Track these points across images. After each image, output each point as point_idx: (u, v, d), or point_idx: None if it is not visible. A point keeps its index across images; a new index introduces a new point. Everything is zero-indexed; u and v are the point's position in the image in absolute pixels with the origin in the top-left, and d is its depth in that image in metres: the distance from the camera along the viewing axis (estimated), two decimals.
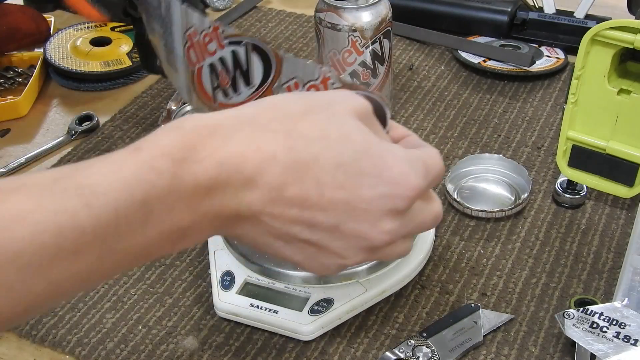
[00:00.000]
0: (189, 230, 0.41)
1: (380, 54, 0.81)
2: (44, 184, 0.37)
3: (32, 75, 0.93)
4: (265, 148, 0.41)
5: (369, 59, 0.81)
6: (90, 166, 0.38)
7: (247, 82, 0.55)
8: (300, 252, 0.45)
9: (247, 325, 0.63)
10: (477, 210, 0.73)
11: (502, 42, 0.98)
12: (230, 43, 0.55)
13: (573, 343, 0.59)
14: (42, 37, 1.00)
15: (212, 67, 0.57)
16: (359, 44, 0.79)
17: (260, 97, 0.54)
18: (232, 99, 0.56)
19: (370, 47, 0.80)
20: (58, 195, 0.36)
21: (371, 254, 0.45)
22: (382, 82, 0.83)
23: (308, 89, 0.51)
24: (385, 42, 0.81)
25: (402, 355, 0.59)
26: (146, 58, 0.68)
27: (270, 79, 0.53)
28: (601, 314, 0.58)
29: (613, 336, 0.56)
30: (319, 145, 0.41)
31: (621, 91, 0.64)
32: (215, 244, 0.68)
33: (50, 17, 1.04)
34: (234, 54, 0.55)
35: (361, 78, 0.81)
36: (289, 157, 0.41)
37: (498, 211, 0.72)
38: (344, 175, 0.42)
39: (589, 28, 0.62)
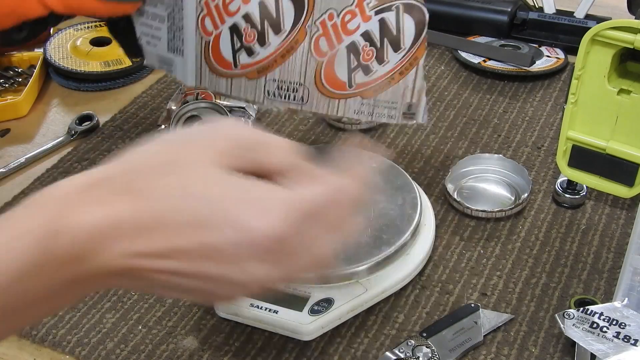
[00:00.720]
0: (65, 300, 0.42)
1: None
2: None
3: (32, 75, 0.93)
4: (111, 215, 0.41)
5: None
6: None
7: (277, 30, 0.55)
8: (185, 294, 0.45)
9: (247, 325, 0.63)
10: (477, 210, 0.73)
11: (502, 42, 0.98)
12: None
13: (573, 343, 0.59)
14: (42, 37, 1.00)
15: (233, 28, 0.56)
16: None
17: (292, 41, 0.54)
18: (258, 54, 0.56)
19: None
20: None
21: (253, 291, 0.45)
22: None
23: (344, 16, 0.52)
24: None
25: (402, 355, 0.59)
26: (128, 43, 0.69)
27: (303, 18, 0.54)
28: (601, 314, 0.58)
29: (613, 336, 0.56)
30: (162, 202, 0.41)
31: (621, 91, 0.64)
32: None
33: None
34: (262, 5, 0.54)
35: None
36: (132, 219, 0.41)
37: (498, 211, 0.72)
38: (193, 229, 0.41)
39: (589, 28, 0.62)
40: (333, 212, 0.44)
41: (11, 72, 0.97)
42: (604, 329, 0.57)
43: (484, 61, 0.95)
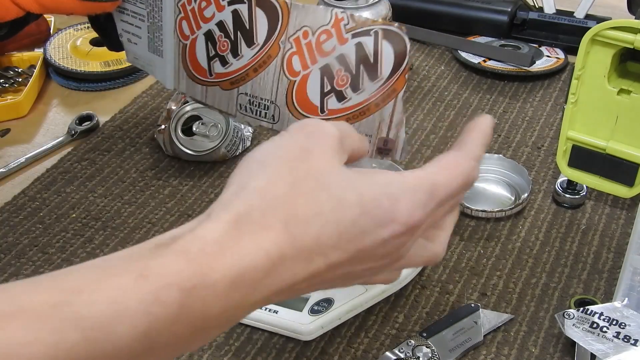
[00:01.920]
0: (196, 342, 0.41)
1: None
2: (42, 311, 0.35)
3: (32, 75, 0.93)
4: (272, 251, 0.40)
5: None
6: (92, 290, 0.36)
7: (250, 42, 0.53)
8: (308, 292, 0.46)
9: (247, 325, 0.63)
10: (477, 210, 0.73)
11: (502, 42, 0.98)
12: (230, 3, 0.53)
13: (573, 343, 0.59)
14: (42, 37, 1.00)
15: (208, 35, 0.55)
16: None
17: (265, 55, 0.52)
18: (231, 65, 0.54)
19: None
20: (57, 326, 0.35)
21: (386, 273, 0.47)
22: None
23: (319, 35, 0.50)
24: None
25: (402, 355, 0.59)
26: (110, 39, 0.70)
27: (277, 33, 0.51)
28: (601, 314, 0.58)
29: (613, 336, 0.56)
30: (317, 224, 0.41)
31: (621, 91, 0.64)
32: None
33: (50, 17, 1.04)
34: (235, 14, 0.53)
35: None
36: (294, 249, 0.41)
37: (498, 211, 0.73)
38: (347, 240, 0.42)
39: (589, 28, 0.62)
40: (459, 196, 0.46)
41: (11, 72, 0.96)
42: (604, 329, 0.57)
43: (484, 61, 0.95)
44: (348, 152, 0.45)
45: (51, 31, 1.02)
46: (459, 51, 0.97)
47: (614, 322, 0.57)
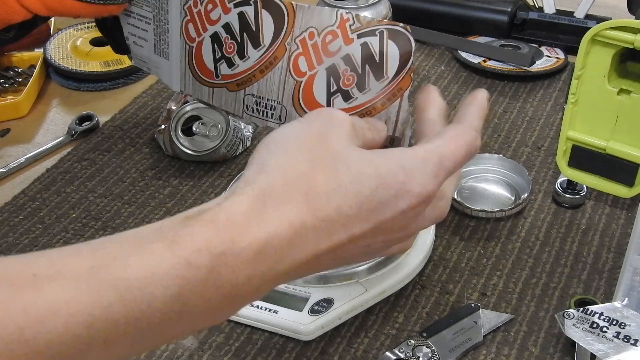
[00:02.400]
0: (226, 310, 0.43)
1: None
2: (80, 274, 0.37)
3: (32, 75, 0.93)
4: (294, 221, 0.42)
5: None
6: (127, 255, 0.38)
7: (256, 44, 0.53)
8: (332, 267, 0.48)
9: (247, 325, 0.63)
10: (477, 210, 0.73)
11: (502, 42, 0.98)
12: (236, 5, 0.53)
13: (573, 343, 0.59)
14: (42, 37, 1.00)
15: (214, 37, 0.55)
16: None
17: (271, 57, 0.53)
18: (238, 67, 0.55)
19: None
20: (93, 287, 0.37)
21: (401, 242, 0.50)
22: None
23: (325, 36, 0.50)
24: None
25: (402, 355, 0.59)
26: (116, 41, 0.70)
27: (282, 34, 0.52)
28: (601, 314, 0.58)
29: (613, 336, 0.56)
30: (336, 196, 0.44)
31: (621, 91, 0.64)
32: None
33: (50, 17, 1.04)
34: (241, 16, 0.53)
35: None
36: (315, 219, 0.43)
37: (498, 211, 0.73)
38: (367, 211, 0.44)
39: (589, 28, 0.62)
40: (463, 164, 0.49)
41: (11, 72, 0.97)
42: (604, 329, 0.57)
43: (484, 61, 0.95)
44: (361, 139, 0.48)
45: (51, 31, 1.02)
46: (459, 51, 0.97)
47: (614, 322, 0.57)
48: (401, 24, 0.48)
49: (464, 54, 0.96)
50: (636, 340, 0.56)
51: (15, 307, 0.35)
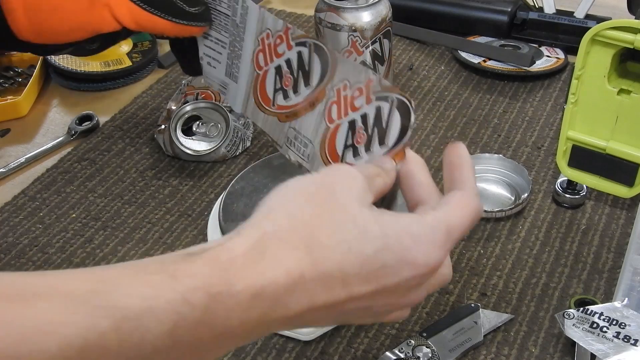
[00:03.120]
0: (214, 351, 0.42)
1: (380, 54, 0.81)
2: (79, 296, 0.37)
3: (32, 75, 0.94)
4: (293, 270, 0.42)
5: (369, 59, 0.81)
6: (126, 284, 0.39)
7: (307, 82, 0.57)
8: (328, 324, 0.49)
9: None
10: None
11: (502, 42, 0.98)
12: (297, 44, 0.57)
13: (573, 343, 0.59)
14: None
15: (278, 69, 0.59)
16: (359, 44, 0.79)
17: (314, 97, 0.56)
18: (291, 100, 0.58)
19: (370, 47, 0.80)
20: (90, 313, 0.37)
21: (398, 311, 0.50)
22: None
23: (354, 91, 0.53)
24: (385, 42, 0.81)
25: (402, 355, 0.59)
26: (188, 61, 0.72)
27: (325, 79, 0.55)
28: (601, 314, 0.58)
29: (613, 336, 0.56)
30: (340, 250, 0.43)
31: (621, 91, 0.64)
32: None
33: None
34: (299, 55, 0.57)
35: None
36: (314, 272, 0.42)
37: (498, 211, 0.73)
38: (368, 271, 0.44)
39: (589, 28, 0.62)
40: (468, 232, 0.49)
41: (11, 72, 0.97)
42: (604, 329, 0.57)
43: (484, 61, 0.95)
44: (374, 192, 0.48)
45: None
46: (459, 51, 0.97)
47: (614, 322, 0.57)
48: (407, 96, 0.51)
49: (464, 54, 0.96)
50: (636, 340, 0.56)
51: (11, 323, 0.35)
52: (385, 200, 0.52)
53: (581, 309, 0.58)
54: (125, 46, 0.99)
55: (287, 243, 0.43)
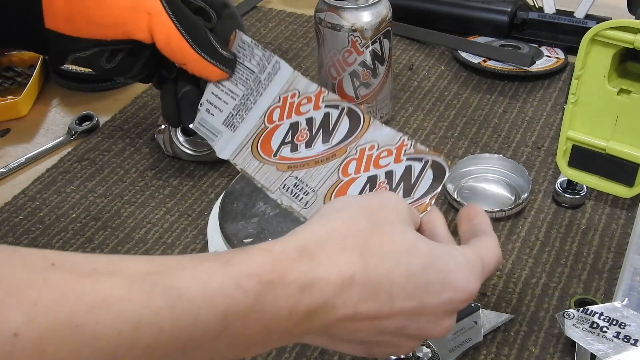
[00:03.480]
0: (259, 344, 0.43)
1: (380, 54, 0.81)
2: (136, 275, 0.38)
3: (32, 75, 0.93)
4: (344, 271, 0.43)
5: (369, 59, 0.81)
6: (182, 267, 0.40)
7: (326, 140, 0.59)
8: (357, 348, 0.48)
9: None
10: None
11: (502, 42, 0.98)
12: (327, 106, 0.59)
13: (573, 343, 0.59)
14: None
15: (294, 125, 0.61)
16: (359, 44, 0.79)
17: (331, 154, 0.58)
18: (299, 153, 0.60)
19: (370, 47, 0.80)
20: (146, 290, 0.38)
21: (421, 342, 0.52)
22: (382, 82, 0.83)
23: (381, 152, 0.55)
24: (385, 42, 0.81)
25: (402, 355, 0.59)
26: (178, 113, 0.70)
27: (350, 139, 0.58)
28: (601, 314, 0.58)
29: (613, 336, 0.56)
30: (390, 260, 0.44)
31: (621, 91, 0.64)
32: (215, 244, 0.68)
33: None
34: (326, 115, 0.59)
35: (361, 78, 0.81)
36: (365, 276, 0.44)
37: (498, 211, 0.72)
38: (414, 286, 0.45)
39: (589, 28, 0.62)
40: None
41: (11, 72, 0.97)
42: (604, 329, 0.57)
43: (484, 61, 0.95)
44: (414, 224, 0.50)
45: None
46: (459, 51, 0.97)
47: (614, 322, 0.57)
48: (444, 158, 0.54)
49: (464, 54, 0.96)
50: (636, 340, 0.56)
51: (71, 293, 0.36)
52: None
53: (581, 309, 0.58)
54: None
55: (340, 246, 0.44)
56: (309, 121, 0.60)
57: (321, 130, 0.59)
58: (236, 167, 0.63)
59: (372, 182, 0.56)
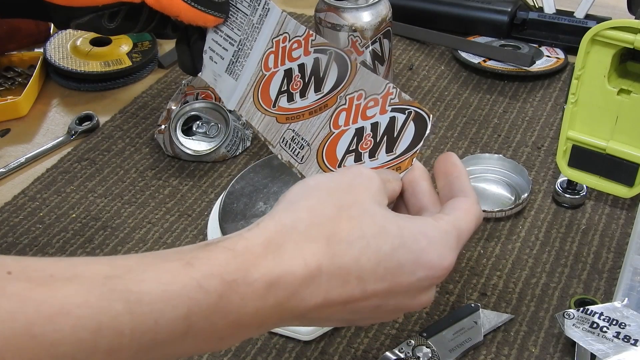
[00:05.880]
0: (229, 338, 0.43)
1: (380, 54, 0.81)
2: (95, 280, 0.38)
3: (32, 75, 0.94)
4: (310, 262, 0.42)
5: (369, 59, 0.81)
6: (143, 270, 0.39)
7: (318, 88, 0.58)
8: (338, 324, 0.49)
9: None
10: None
11: (502, 42, 0.98)
12: (316, 51, 0.59)
13: (573, 343, 0.59)
14: (42, 37, 1.00)
15: (287, 72, 0.60)
16: (359, 44, 0.79)
17: (323, 103, 0.57)
18: (295, 103, 0.59)
19: (370, 47, 0.80)
20: (105, 295, 0.37)
21: (402, 314, 0.51)
22: None
23: (368, 101, 0.54)
24: (385, 42, 0.81)
25: (402, 355, 0.59)
26: (190, 59, 0.71)
27: (340, 87, 0.57)
28: (601, 314, 0.58)
29: (613, 336, 0.56)
30: (358, 246, 0.44)
31: (621, 91, 0.64)
32: None
33: None
34: (316, 61, 0.58)
35: None
36: (332, 265, 0.43)
37: (498, 211, 0.72)
38: (384, 269, 0.44)
39: (589, 28, 0.62)
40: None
41: (11, 72, 0.97)
42: (604, 329, 0.57)
43: (484, 61, 0.95)
44: (389, 193, 0.49)
45: (51, 31, 1.02)
46: (459, 51, 0.97)
47: (614, 322, 0.57)
48: (427, 110, 0.52)
49: (464, 54, 0.96)
50: (636, 340, 0.56)
51: (28, 303, 0.36)
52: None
53: (581, 309, 0.58)
54: (125, 46, 0.99)
55: (306, 236, 0.43)
56: (301, 67, 0.59)
57: (313, 78, 0.59)
58: (242, 118, 0.62)
59: (359, 134, 0.55)
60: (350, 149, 0.55)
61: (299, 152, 0.58)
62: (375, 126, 0.54)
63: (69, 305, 0.36)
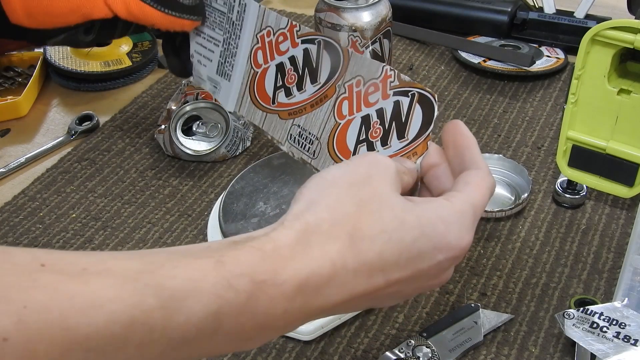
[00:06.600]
0: (256, 339, 0.43)
1: (380, 54, 0.81)
2: (127, 275, 0.38)
3: (32, 75, 0.93)
4: (337, 261, 0.43)
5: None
6: (174, 266, 0.39)
7: (314, 79, 0.57)
8: (359, 309, 0.51)
9: None
10: None
11: (502, 42, 0.98)
12: (304, 42, 0.58)
13: (573, 343, 0.59)
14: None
15: (279, 66, 0.59)
16: (359, 43, 0.79)
17: (323, 94, 0.57)
18: (294, 97, 0.59)
19: (370, 47, 0.80)
20: (138, 290, 0.38)
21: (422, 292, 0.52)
22: None
23: (368, 87, 0.54)
24: (385, 42, 0.81)
25: (402, 355, 0.59)
26: (178, 61, 0.71)
27: (336, 76, 0.56)
28: (601, 314, 0.58)
29: (613, 336, 0.56)
30: (380, 240, 0.44)
31: (621, 91, 0.64)
32: None
33: None
34: (306, 52, 0.57)
35: None
36: (357, 261, 0.44)
37: (498, 211, 0.72)
38: (406, 259, 0.45)
39: (589, 28, 0.62)
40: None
41: (11, 72, 0.97)
42: (604, 329, 0.57)
43: (484, 61, 0.95)
44: (402, 183, 0.49)
45: None
46: (459, 51, 0.97)
47: (614, 322, 0.57)
48: (430, 91, 0.51)
49: (464, 54, 0.96)
50: (636, 340, 0.56)
51: (62, 295, 0.36)
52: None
53: (581, 309, 0.58)
54: (125, 46, 0.99)
55: (330, 235, 0.43)
56: (292, 60, 0.59)
57: (307, 69, 0.58)
58: (244, 119, 0.62)
59: (366, 123, 0.55)
60: (361, 138, 0.55)
61: (309, 147, 0.58)
62: (381, 112, 0.53)
63: (102, 299, 0.37)
